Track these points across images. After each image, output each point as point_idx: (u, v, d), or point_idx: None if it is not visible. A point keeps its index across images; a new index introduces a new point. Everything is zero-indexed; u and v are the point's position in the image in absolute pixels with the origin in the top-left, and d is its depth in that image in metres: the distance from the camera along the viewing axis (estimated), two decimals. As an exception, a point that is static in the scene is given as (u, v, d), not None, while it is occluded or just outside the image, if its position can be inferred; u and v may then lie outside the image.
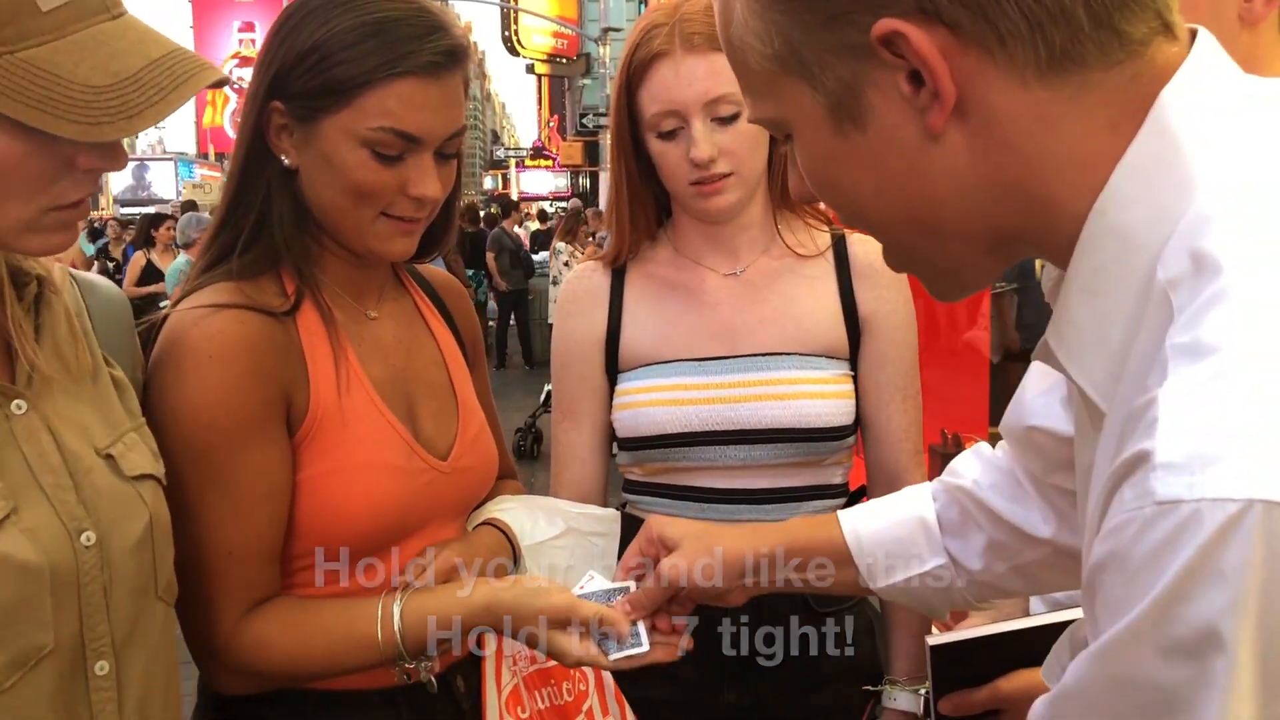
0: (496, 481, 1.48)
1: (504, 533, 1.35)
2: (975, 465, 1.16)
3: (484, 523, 1.37)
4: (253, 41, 24.24)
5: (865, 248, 1.59)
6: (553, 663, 1.35)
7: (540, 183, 38.02)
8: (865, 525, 1.18)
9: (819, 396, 1.50)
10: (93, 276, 1.20)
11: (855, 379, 1.56)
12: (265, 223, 1.24)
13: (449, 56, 1.20)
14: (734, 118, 1.44)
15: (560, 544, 1.36)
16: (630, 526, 1.48)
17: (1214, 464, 0.52)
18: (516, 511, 1.39)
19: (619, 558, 1.41)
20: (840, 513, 1.20)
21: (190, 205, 11.29)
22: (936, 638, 1.25)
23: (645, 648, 1.16)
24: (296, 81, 1.18)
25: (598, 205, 19.29)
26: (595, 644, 1.16)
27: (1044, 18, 0.61)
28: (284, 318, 1.22)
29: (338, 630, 1.19)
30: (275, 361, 1.19)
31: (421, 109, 1.18)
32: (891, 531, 1.17)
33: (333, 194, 1.21)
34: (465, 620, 1.18)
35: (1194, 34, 0.66)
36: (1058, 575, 1.11)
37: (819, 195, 0.74)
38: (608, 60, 21.50)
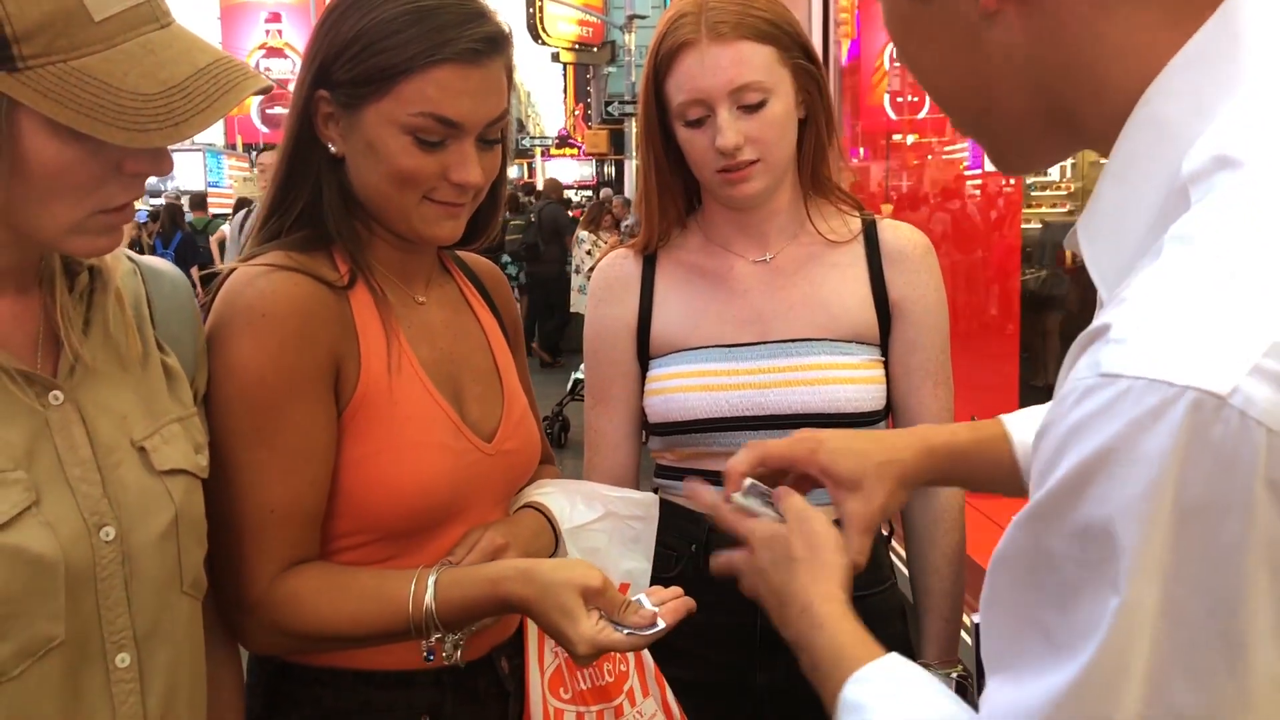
0: (539, 466, 1.50)
1: (545, 515, 1.38)
2: None
3: (525, 506, 1.39)
4: (279, 32, 24.31)
5: (896, 233, 1.60)
6: None
7: (566, 171, 38.03)
8: (1031, 431, 1.11)
9: (849, 382, 1.52)
10: (157, 262, 1.23)
11: (886, 364, 1.57)
12: (316, 208, 1.27)
13: (489, 43, 1.22)
14: (760, 105, 1.45)
15: (599, 527, 1.38)
16: (666, 511, 1.50)
17: (1159, 346, 0.52)
18: (556, 495, 1.41)
19: (655, 542, 1.43)
20: (1007, 420, 1.15)
21: (244, 201, 11.11)
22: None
23: (662, 625, 1.16)
24: (341, 70, 1.21)
25: (624, 193, 19.27)
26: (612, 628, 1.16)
27: None
28: (338, 291, 1.25)
29: (369, 592, 1.21)
30: (327, 328, 1.22)
31: (461, 95, 1.21)
32: None
33: (377, 179, 1.24)
34: (499, 581, 1.18)
35: None
36: None
37: (897, 53, 0.77)
38: (633, 48, 21.45)
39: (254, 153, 23.18)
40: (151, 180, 1.06)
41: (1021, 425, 1.14)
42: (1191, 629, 0.52)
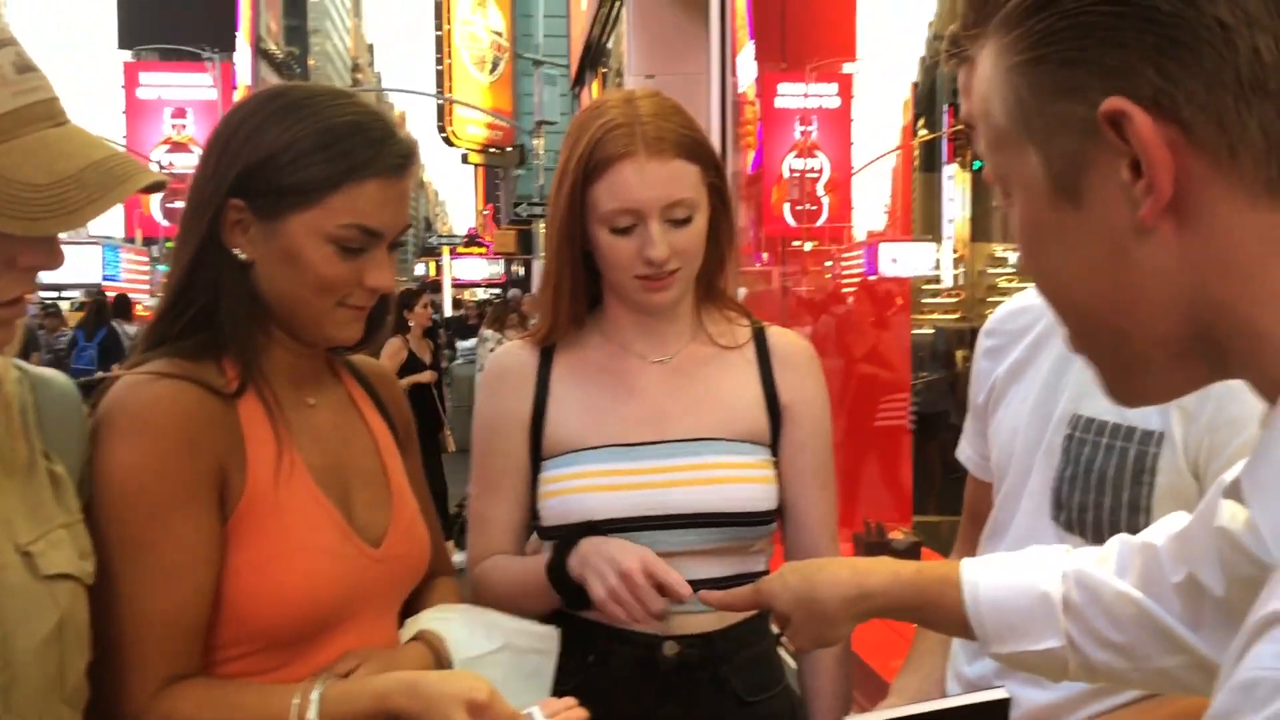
0: (436, 579, 1.50)
1: (435, 649, 1.36)
2: (1111, 554, 1.08)
3: (417, 635, 1.38)
4: (183, 128, 24.16)
5: (784, 339, 1.66)
6: None
7: (474, 270, 38.10)
8: (986, 587, 1.13)
9: (747, 481, 1.55)
10: (45, 371, 1.22)
11: (776, 465, 1.61)
12: (211, 314, 1.28)
13: (407, 158, 1.29)
14: (687, 220, 1.51)
15: (496, 659, 1.37)
16: (560, 621, 1.49)
17: None
18: (454, 623, 1.40)
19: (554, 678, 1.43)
20: (964, 565, 1.17)
21: None
22: (853, 718, 1.28)
23: None
24: (261, 181, 1.24)
25: (532, 292, 19.37)
26: None
27: None
28: (226, 399, 1.25)
29: (251, 709, 1.19)
30: (212, 435, 1.22)
31: (384, 206, 1.27)
32: (1010, 602, 1.12)
33: (294, 286, 1.27)
34: (385, 696, 1.17)
35: None
36: (1190, 681, 1.02)
37: (1025, 263, 0.71)
38: (541, 152, 21.80)
39: (152, 246, 22.79)
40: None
41: (980, 572, 1.16)
42: None
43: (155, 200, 23.64)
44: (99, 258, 17.27)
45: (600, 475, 1.54)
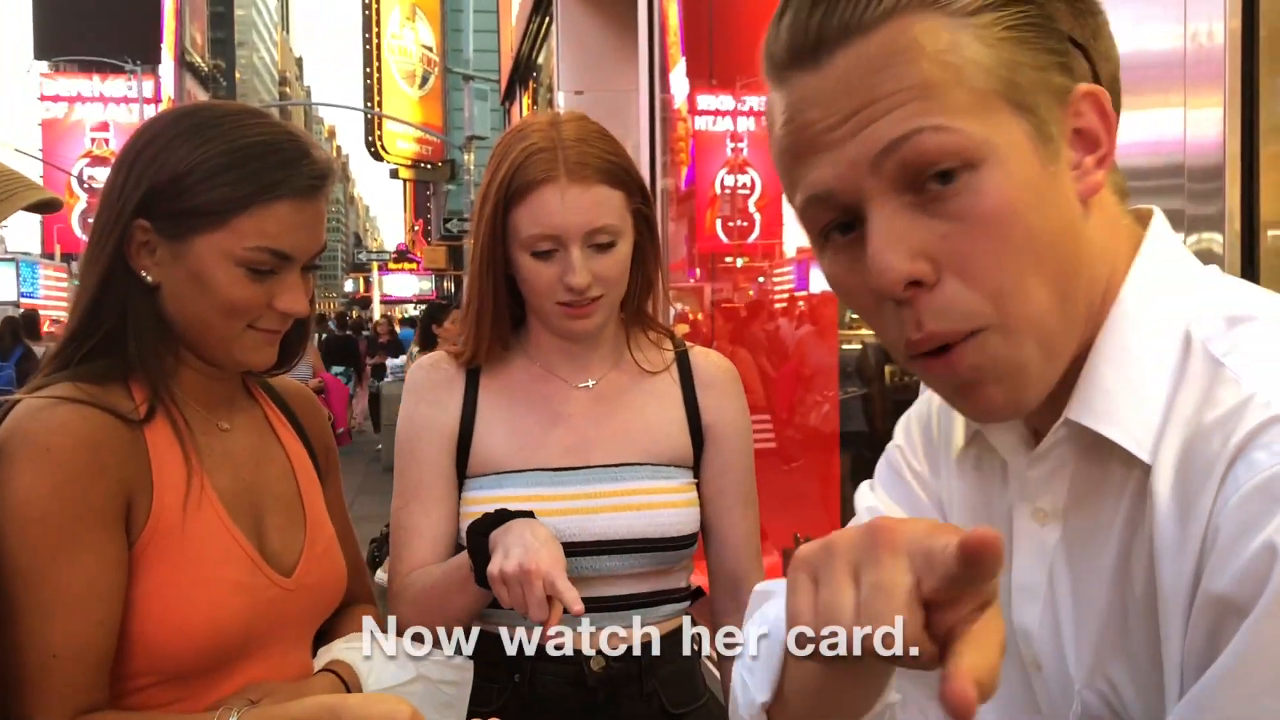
0: (354, 607, 1.47)
1: (346, 681, 1.33)
2: None
3: (326, 667, 1.35)
4: (106, 141, 23.68)
5: (707, 360, 1.66)
6: None
7: (404, 286, 37.82)
8: None
9: (672, 505, 1.55)
10: None
11: (698, 486, 1.61)
12: (118, 337, 1.25)
13: (321, 179, 1.26)
14: (610, 245, 1.50)
15: (409, 690, 1.34)
16: (486, 642, 1.46)
17: None
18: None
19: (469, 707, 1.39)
20: None
21: None
22: None
23: None
24: (168, 202, 1.21)
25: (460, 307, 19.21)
26: None
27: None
28: (133, 425, 1.21)
29: None
30: (117, 461, 1.18)
31: (296, 229, 1.24)
32: None
33: (201, 309, 1.24)
34: (304, 719, 1.14)
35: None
36: None
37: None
38: (472, 166, 21.72)
39: (71, 263, 22.30)
40: None
41: None
42: None
43: (76, 214, 23.13)
44: (14, 274, 16.85)
45: (524, 501, 1.52)
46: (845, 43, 0.68)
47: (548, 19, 11.38)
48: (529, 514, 1.42)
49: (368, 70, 27.93)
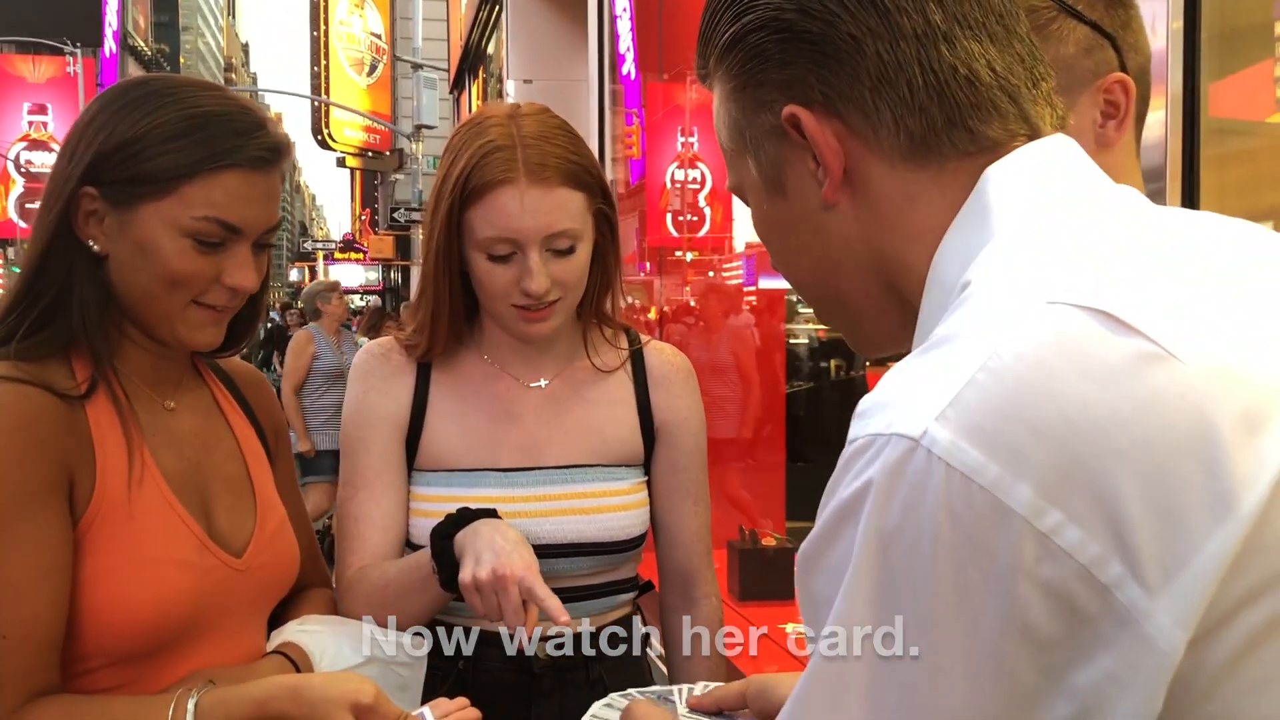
0: (309, 589, 1.46)
1: (296, 664, 1.31)
2: None
3: (277, 649, 1.33)
4: (44, 124, 23.16)
5: (661, 356, 1.65)
6: None
7: (351, 275, 37.40)
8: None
9: (621, 509, 1.55)
10: None
11: (649, 483, 1.61)
12: (61, 308, 1.22)
13: (274, 152, 1.25)
14: (569, 250, 1.46)
15: (364, 672, 1.32)
16: (438, 644, 1.45)
17: (882, 409, 0.64)
18: (320, 634, 1.36)
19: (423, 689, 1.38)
20: None
21: None
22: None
23: None
24: (116, 169, 1.19)
25: (409, 300, 19.02)
26: None
27: (905, 113, 0.74)
28: (73, 402, 1.19)
29: None
30: (57, 440, 1.16)
31: (246, 201, 1.22)
32: None
33: (146, 280, 1.22)
34: (266, 703, 1.13)
35: None
36: None
37: (769, 254, 0.87)
38: (420, 156, 21.52)
39: (7, 248, 21.81)
40: None
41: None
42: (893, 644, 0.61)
43: (12, 200, 22.62)
44: (-51, 258, 16.46)
45: (473, 502, 1.50)
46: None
47: (498, 7, 11.31)
48: (492, 512, 1.39)
49: (315, 57, 27.60)
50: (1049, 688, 0.59)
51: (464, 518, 1.37)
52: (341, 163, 28.45)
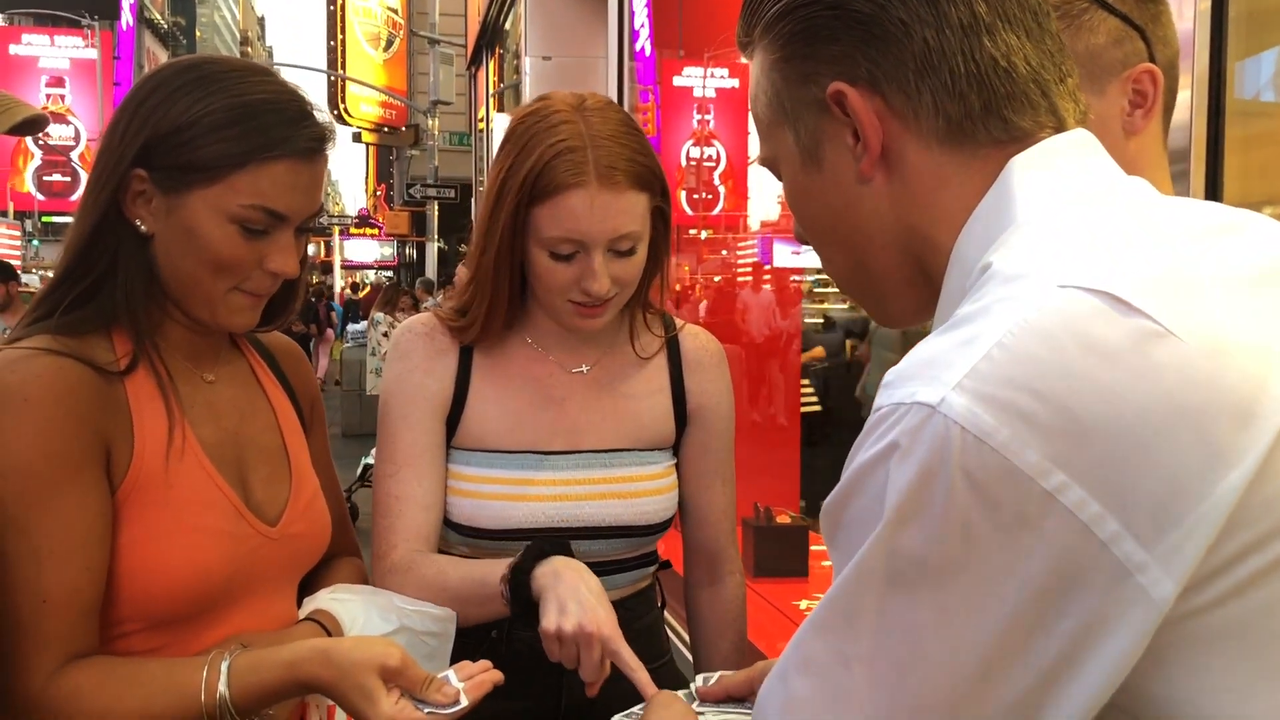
0: (339, 559, 1.48)
1: (328, 631, 1.33)
2: None
3: (309, 616, 1.36)
4: (61, 97, 23.20)
5: (696, 341, 1.67)
6: None
7: (365, 251, 37.44)
8: None
9: (655, 493, 1.57)
10: None
11: (678, 465, 1.64)
12: (105, 285, 1.25)
13: (320, 141, 1.27)
14: (631, 250, 1.47)
15: (393, 640, 1.33)
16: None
17: (906, 381, 0.68)
18: (351, 603, 1.38)
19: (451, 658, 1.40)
20: None
21: None
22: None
23: (464, 704, 1.16)
24: (167, 154, 1.21)
25: (425, 275, 19.08)
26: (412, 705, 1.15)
27: (945, 98, 0.78)
28: (111, 376, 1.22)
29: (157, 683, 1.16)
30: (95, 412, 1.19)
31: (293, 190, 1.24)
32: None
33: (191, 264, 1.24)
34: (296, 664, 1.16)
35: None
36: None
37: (797, 224, 0.91)
38: (436, 132, 21.50)
39: (25, 220, 21.89)
40: None
41: None
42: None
43: (29, 172, 22.69)
44: (-39, 232, 16.51)
45: (515, 484, 1.53)
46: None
47: (516, -16, 11.25)
48: (565, 546, 1.39)
49: (331, 31, 27.54)
50: (1042, 629, 0.64)
51: (541, 551, 1.37)
52: (357, 138, 28.40)
